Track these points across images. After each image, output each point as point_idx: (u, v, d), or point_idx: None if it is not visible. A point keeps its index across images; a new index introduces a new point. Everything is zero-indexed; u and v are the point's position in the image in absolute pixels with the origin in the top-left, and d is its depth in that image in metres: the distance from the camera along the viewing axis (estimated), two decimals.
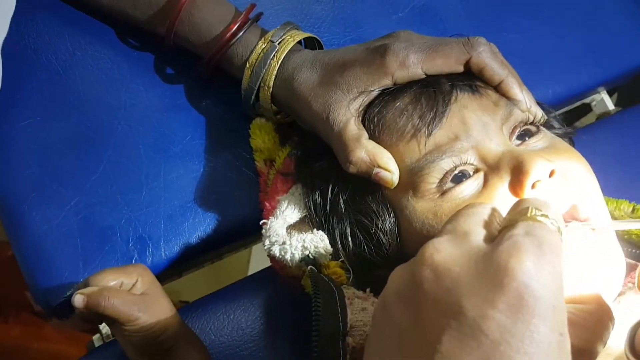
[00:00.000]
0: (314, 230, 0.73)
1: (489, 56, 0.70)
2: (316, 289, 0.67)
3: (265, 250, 0.74)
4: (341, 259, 0.73)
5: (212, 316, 0.84)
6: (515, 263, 0.40)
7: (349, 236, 0.72)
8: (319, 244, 0.72)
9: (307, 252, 0.72)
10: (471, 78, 0.71)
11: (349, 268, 0.73)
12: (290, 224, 0.75)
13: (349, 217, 0.72)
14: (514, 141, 0.69)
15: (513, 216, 0.46)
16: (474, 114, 0.67)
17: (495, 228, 0.47)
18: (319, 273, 0.72)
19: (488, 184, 0.65)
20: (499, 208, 0.50)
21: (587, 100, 1.08)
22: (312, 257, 0.73)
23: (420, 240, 0.49)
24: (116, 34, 0.90)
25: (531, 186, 0.63)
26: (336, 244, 0.73)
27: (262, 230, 0.74)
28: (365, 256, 0.72)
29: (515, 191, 0.63)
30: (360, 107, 0.71)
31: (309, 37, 0.82)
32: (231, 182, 0.88)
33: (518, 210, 0.46)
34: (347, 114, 0.70)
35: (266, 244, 0.74)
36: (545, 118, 0.72)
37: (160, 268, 0.85)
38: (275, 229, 0.73)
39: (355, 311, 0.67)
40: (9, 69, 0.86)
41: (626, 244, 0.76)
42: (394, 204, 0.70)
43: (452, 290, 0.41)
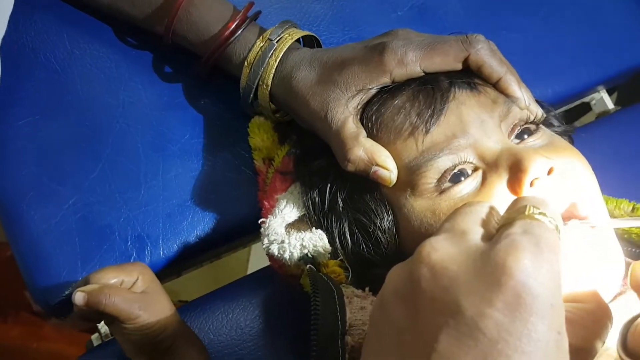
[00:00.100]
0: (313, 229, 0.73)
1: (488, 53, 0.70)
2: (315, 288, 0.67)
3: (264, 249, 0.74)
4: (340, 258, 0.73)
5: (211, 315, 0.84)
6: (512, 261, 0.40)
7: (348, 235, 0.72)
8: (317, 242, 0.72)
9: (306, 251, 0.72)
10: (470, 76, 0.70)
11: (347, 267, 0.73)
12: (289, 223, 0.75)
13: (347, 216, 0.72)
14: (512, 140, 0.69)
15: (511, 214, 0.46)
16: (472, 111, 0.67)
17: (493, 227, 0.46)
18: (318, 272, 0.72)
19: (486, 182, 0.65)
20: (498, 206, 0.49)
21: (587, 99, 1.08)
22: (311, 256, 0.73)
23: (418, 239, 0.48)
24: (115, 32, 0.90)
25: (530, 184, 0.62)
26: (335, 243, 0.72)
27: (261, 229, 0.74)
28: (364, 255, 0.71)
29: (513, 189, 0.63)
30: (359, 105, 0.71)
31: (308, 36, 0.81)
32: (230, 181, 0.87)
33: (516, 208, 0.46)
34: (346, 112, 0.70)
35: (265, 242, 0.74)
36: (544, 116, 0.72)
37: (158, 267, 0.85)
38: (274, 227, 0.73)
39: (354, 310, 0.67)
40: (7, 67, 0.86)
41: (626, 243, 0.76)
42: (392, 202, 0.70)
43: (450, 288, 0.41)
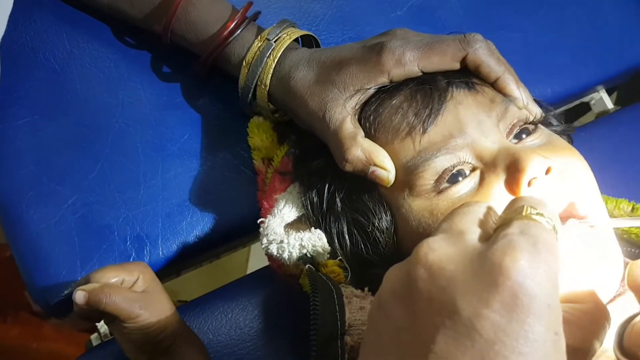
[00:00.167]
0: (312, 229, 0.73)
1: (486, 53, 0.70)
2: (314, 288, 0.67)
3: (262, 248, 0.74)
4: (339, 258, 0.73)
5: (210, 315, 0.84)
6: (509, 262, 0.40)
7: (346, 235, 0.72)
8: (316, 242, 0.72)
9: (305, 251, 0.72)
10: (468, 75, 0.70)
11: (346, 267, 0.73)
12: (288, 223, 0.75)
13: (345, 216, 0.72)
14: (511, 140, 0.69)
15: (508, 215, 0.46)
16: (469, 111, 0.67)
17: (491, 227, 0.46)
18: (317, 272, 0.72)
19: (484, 182, 0.65)
20: (496, 206, 0.49)
21: (586, 99, 1.08)
22: (310, 256, 0.73)
23: (416, 239, 0.48)
24: (114, 32, 0.90)
25: (527, 184, 0.62)
26: (334, 243, 0.72)
27: (260, 229, 0.74)
28: (363, 255, 0.71)
29: (511, 189, 0.63)
30: (357, 105, 0.71)
31: (306, 35, 0.81)
32: (229, 181, 0.87)
33: (513, 208, 0.46)
34: (344, 112, 0.70)
35: (264, 242, 0.73)
36: (542, 115, 0.72)
37: (158, 267, 0.85)
38: (273, 227, 0.73)
39: (354, 310, 0.67)
40: (7, 67, 0.86)
41: (625, 243, 0.76)
42: (391, 202, 0.70)
43: (447, 289, 0.41)
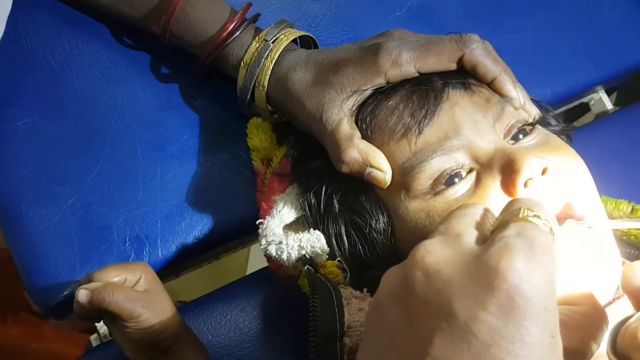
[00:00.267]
0: (311, 230, 0.73)
1: (482, 53, 0.70)
2: (313, 289, 0.67)
3: (261, 249, 0.74)
4: (338, 259, 0.73)
5: (210, 316, 0.84)
6: (505, 264, 0.40)
7: (344, 236, 0.72)
8: (315, 243, 0.72)
9: (304, 252, 0.72)
10: (464, 76, 0.70)
11: (345, 268, 0.73)
12: (287, 224, 0.75)
13: (343, 217, 0.72)
14: (507, 141, 0.68)
15: (505, 217, 0.46)
16: (465, 112, 0.67)
17: (488, 229, 0.46)
18: (316, 273, 0.72)
19: (481, 183, 0.65)
20: (493, 207, 0.49)
21: (586, 99, 1.08)
22: (309, 257, 0.73)
23: (414, 240, 0.48)
24: (113, 33, 0.90)
25: (523, 185, 0.62)
26: (332, 244, 0.72)
27: (259, 230, 0.74)
28: (361, 256, 0.71)
29: (507, 190, 0.63)
30: (354, 107, 0.71)
31: (304, 36, 0.81)
32: (228, 182, 0.87)
33: (510, 210, 0.46)
34: (340, 114, 0.70)
35: (263, 243, 0.74)
36: (540, 115, 0.72)
37: (157, 267, 0.84)
38: (272, 228, 0.73)
39: (353, 311, 0.67)
40: (6, 68, 0.86)
41: (625, 244, 0.75)
42: (387, 203, 0.70)
43: (443, 292, 0.41)
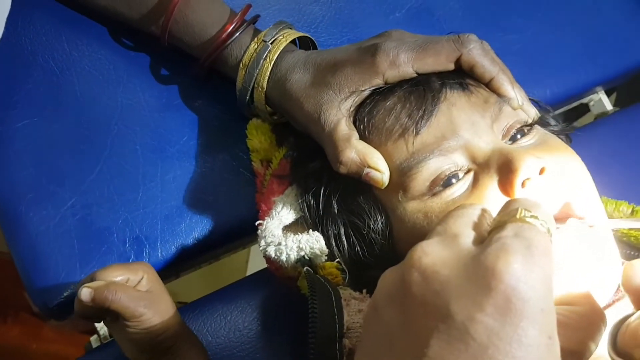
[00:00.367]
0: (310, 231, 0.72)
1: (480, 53, 0.70)
2: (312, 291, 0.67)
3: (260, 251, 0.74)
4: (337, 260, 0.73)
5: (210, 317, 0.84)
6: (502, 265, 0.40)
7: (343, 237, 0.72)
8: (314, 244, 0.72)
9: (303, 253, 0.72)
10: (462, 76, 0.70)
11: (344, 269, 0.73)
12: (286, 225, 0.75)
13: (341, 218, 0.72)
14: (506, 141, 0.68)
15: (502, 217, 0.46)
16: (463, 112, 0.67)
17: (485, 229, 0.46)
18: (315, 274, 0.72)
19: (478, 184, 0.65)
20: (490, 208, 0.49)
21: (585, 100, 1.08)
22: (308, 258, 0.73)
23: (412, 241, 0.48)
24: (113, 34, 0.90)
25: (521, 185, 0.62)
26: (331, 245, 0.72)
27: (258, 231, 0.74)
28: (360, 257, 0.71)
29: (505, 190, 0.63)
30: (352, 107, 0.70)
31: (303, 37, 0.81)
32: (228, 183, 0.87)
33: (507, 211, 0.46)
34: (338, 115, 0.70)
35: (262, 244, 0.73)
36: (538, 116, 0.72)
37: (157, 268, 0.84)
38: (271, 229, 0.73)
39: (352, 313, 0.67)
40: (6, 69, 0.86)
41: (624, 245, 0.75)
42: (385, 204, 0.70)
43: (441, 293, 0.41)
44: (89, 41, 0.90)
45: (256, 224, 0.75)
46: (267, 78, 0.76)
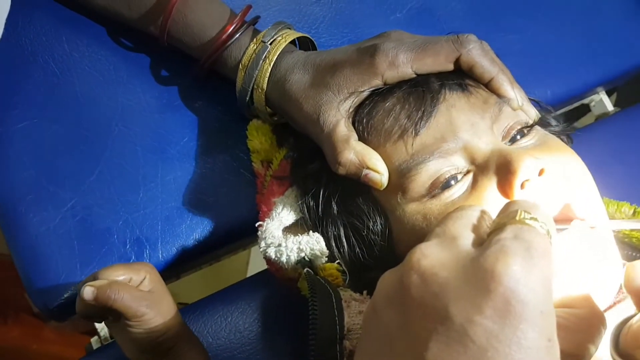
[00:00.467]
0: (310, 232, 0.72)
1: (479, 53, 0.69)
2: (313, 292, 0.67)
3: (261, 252, 0.74)
4: (337, 261, 0.73)
5: (210, 318, 0.84)
6: (502, 268, 0.40)
7: (343, 238, 0.72)
8: (314, 246, 0.71)
9: (303, 254, 0.72)
10: (462, 76, 0.70)
11: (345, 270, 0.73)
12: (287, 226, 0.75)
13: (341, 219, 0.72)
14: (506, 143, 0.68)
15: (502, 219, 0.45)
16: (462, 113, 0.66)
17: (485, 231, 0.46)
18: (316, 275, 0.72)
19: (477, 185, 0.64)
20: (489, 209, 0.49)
21: (586, 100, 1.08)
22: (308, 259, 0.73)
23: (411, 242, 0.49)
24: (114, 35, 0.90)
25: (520, 186, 0.61)
26: (331, 246, 0.72)
27: (258, 232, 0.74)
28: (360, 258, 0.71)
29: (504, 191, 0.62)
30: (351, 108, 0.70)
31: (303, 37, 0.81)
32: (229, 184, 0.87)
33: (507, 213, 0.46)
34: (337, 116, 0.70)
35: (262, 246, 0.73)
36: (538, 116, 0.71)
37: (157, 269, 0.84)
38: (271, 230, 0.73)
39: (352, 314, 0.67)
40: (6, 70, 0.86)
41: (626, 247, 0.75)
42: (385, 205, 0.70)
43: (439, 295, 0.41)
44: (89, 42, 0.89)
45: (256, 225, 0.75)
46: (267, 79, 0.76)
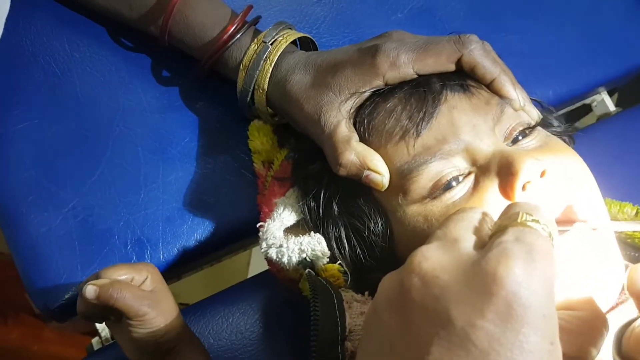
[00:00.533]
0: (311, 233, 0.72)
1: (481, 54, 0.69)
2: (314, 293, 0.67)
3: (262, 252, 0.74)
4: (338, 262, 0.72)
5: (211, 319, 0.84)
6: (503, 270, 0.40)
7: (344, 239, 0.72)
8: (316, 246, 0.71)
9: (305, 255, 0.72)
10: (463, 77, 0.69)
11: (346, 271, 0.73)
12: (288, 227, 0.74)
13: (342, 220, 0.72)
14: (508, 144, 0.67)
15: (503, 222, 0.45)
16: (464, 115, 0.66)
17: (486, 234, 0.46)
18: (317, 276, 0.72)
19: (478, 186, 0.64)
20: (491, 211, 0.49)
21: (588, 100, 1.08)
22: (310, 260, 0.73)
23: (412, 243, 0.48)
24: (115, 35, 0.90)
25: (522, 188, 0.61)
26: (332, 247, 0.72)
27: (259, 233, 0.74)
28: (361, 259, 0.71)
29: (506, 193, 0.62)
30: (352, 109, 0.70)
31: (304, 37, 0.81)
32: (230, 184, 0.87)
33: (508, 215, 0.46)
34: (338, 116, 0.69)
35: (263, 246, 0.73)
36: (540, 117, 0.71)
37: (158, 270, 0.84)
38: (272, 231, 0.73)
39: (354, 315, 0.67)
40: (6, 70, 0.86)
41: (628, 247, 0.75)
42: (386, 206, 0.69)
43: (441, 298, 0.41)
44: (90, 42, 0.89)
45: (258, 225, 0.75)
46: (268, 79, 0.76)
